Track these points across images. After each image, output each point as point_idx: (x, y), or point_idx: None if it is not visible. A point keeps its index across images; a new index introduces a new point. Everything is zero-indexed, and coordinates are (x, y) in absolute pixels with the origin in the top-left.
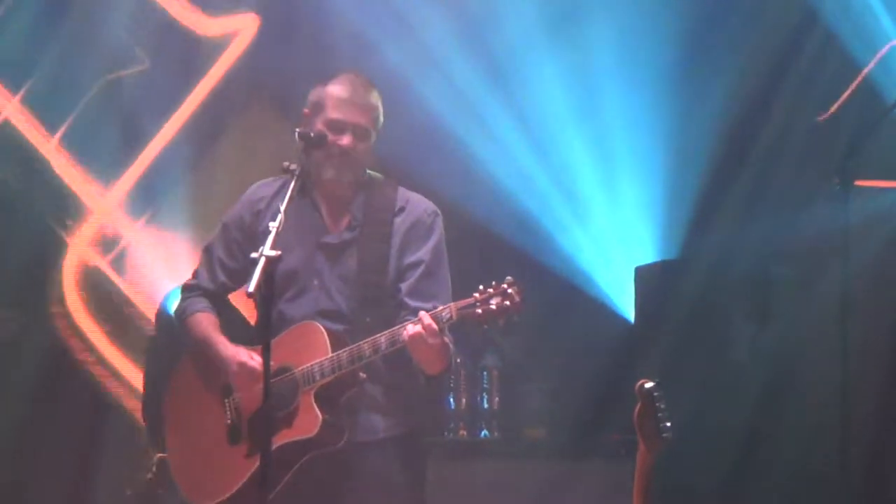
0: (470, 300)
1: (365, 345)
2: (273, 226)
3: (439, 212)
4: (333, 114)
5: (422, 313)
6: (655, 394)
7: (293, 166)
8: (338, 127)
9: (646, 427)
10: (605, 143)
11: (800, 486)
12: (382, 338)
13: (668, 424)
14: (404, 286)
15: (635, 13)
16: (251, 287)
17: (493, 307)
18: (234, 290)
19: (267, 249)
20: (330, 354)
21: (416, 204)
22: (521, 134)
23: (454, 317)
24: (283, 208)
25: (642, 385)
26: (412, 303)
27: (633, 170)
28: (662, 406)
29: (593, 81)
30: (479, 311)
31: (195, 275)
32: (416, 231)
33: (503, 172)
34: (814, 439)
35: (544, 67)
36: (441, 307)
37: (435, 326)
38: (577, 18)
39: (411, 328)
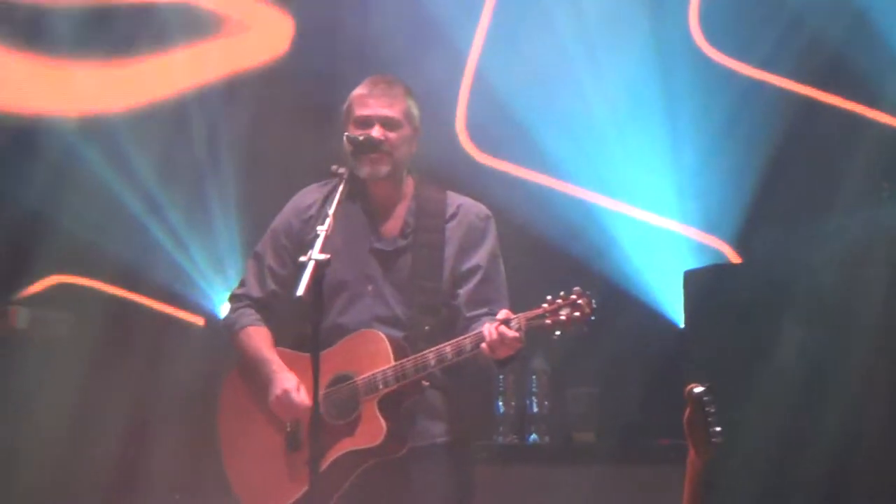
0: (538, 311)
1: (430, 354)
2: (322, 229)
3: (491, 215)
4: (358, 111)
5: (490, 327)
6: (705, 398)
7: (341, 170)
8: (364, 123)
9: (695, 432)
10: (655, 148)
11: (847, 491)
12: (448, 347)
13: (718, 429)
14: (462, 292)
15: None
16: (300, 291)
17: (563, 318)
18: (284, 298)
19: (316, 253)
20: (393, 363)
21: (468, 209)
22: (568, 138)
23: (523, 327)
24: (331, 212)
25: (692, 389)
26: (469, 312)
27: (684, 174)
28: (712, 410)
29: (641, 84)
30: (548, 321)
31: (243, 283)
32: (471, 237)
33: (551, 176)
34: (861, 444)
35: (590, 71)
36: (510, 317)
37: (513, 334)
38: (620, 23)
39: (487, 335)
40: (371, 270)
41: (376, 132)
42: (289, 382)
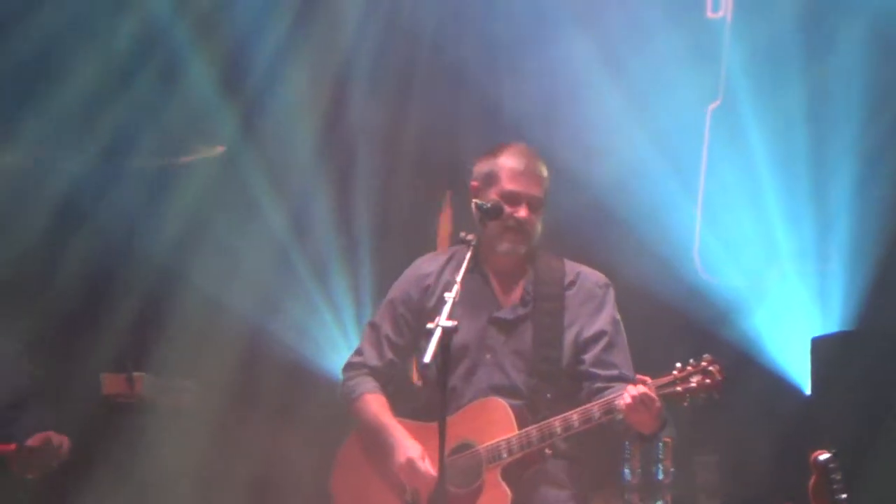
0: (669, 378)
1: (556, 421)
2: (449, 296)
3: (610, 283)
4: (509, 185)
5: (630, 387)
6: (831, 465)
7: (470, 237)
8: (514, 199)
9: (821, 499)
10: (784, 216)
11: None
12: (575, 415)
13: (844, 496)
14: (587, 357)
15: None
16: (427, 357)
17: (694, 385)
18: (401, 367)
19: (443, 320)
20: (517, 431)
21: (587, 277)
22: (694, 205)
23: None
24: (458, 279)
25: (817, 457)
26: (602, 371)
27: (811, 240)
28: (838, 478)
29: (763, 149)
30: (679, 388)
31: (360, 352)
32: (590, 305)
33: (676, 244)
34: None
35: (714, 145)
36: (640, 384)
37: (651, 394)
38: (736, 100)
39: (626, 398)
40: (490, 339)
41: (524, 212)
42: (413, 451)
